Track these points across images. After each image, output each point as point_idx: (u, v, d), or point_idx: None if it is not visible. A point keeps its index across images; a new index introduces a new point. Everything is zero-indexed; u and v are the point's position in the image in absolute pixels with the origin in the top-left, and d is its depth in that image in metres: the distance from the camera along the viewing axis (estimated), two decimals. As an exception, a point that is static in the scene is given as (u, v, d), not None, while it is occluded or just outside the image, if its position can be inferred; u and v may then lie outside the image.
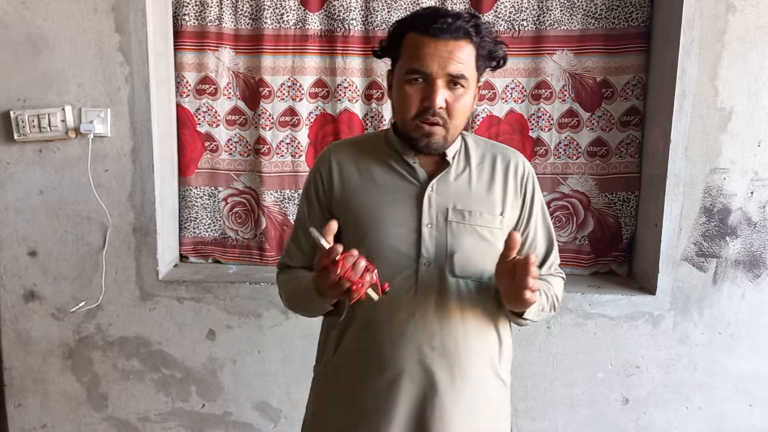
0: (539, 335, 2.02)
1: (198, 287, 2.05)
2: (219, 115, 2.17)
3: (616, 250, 2.18)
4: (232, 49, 2.13)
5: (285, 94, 2.15)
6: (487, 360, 1.21)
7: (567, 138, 2.14)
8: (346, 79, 2.13)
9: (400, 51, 1.14)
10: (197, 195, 2.22)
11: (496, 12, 2.07)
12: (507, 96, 2.12)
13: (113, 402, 2.13)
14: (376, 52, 1.23)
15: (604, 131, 2.13)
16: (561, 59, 2.09)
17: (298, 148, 2.18)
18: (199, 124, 2.18)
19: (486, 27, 1.13)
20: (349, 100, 2.15)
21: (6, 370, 2.10)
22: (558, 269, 1.33)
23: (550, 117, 2.13)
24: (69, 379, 2.11)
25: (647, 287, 2.05)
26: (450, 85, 1.11)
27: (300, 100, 2.15)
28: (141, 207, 1.99)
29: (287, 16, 2.10)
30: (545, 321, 1.99)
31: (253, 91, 2.16)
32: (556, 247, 1.31)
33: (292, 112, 2.16)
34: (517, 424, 2.08)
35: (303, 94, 2.15)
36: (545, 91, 2.12)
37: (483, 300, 1.19)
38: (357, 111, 2.16)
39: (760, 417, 2.07)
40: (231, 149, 2.20)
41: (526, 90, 2.13)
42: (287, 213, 2.22)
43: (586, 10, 2.06)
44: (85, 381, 2.11)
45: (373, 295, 1.02)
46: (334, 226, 1.05)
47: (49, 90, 1.94)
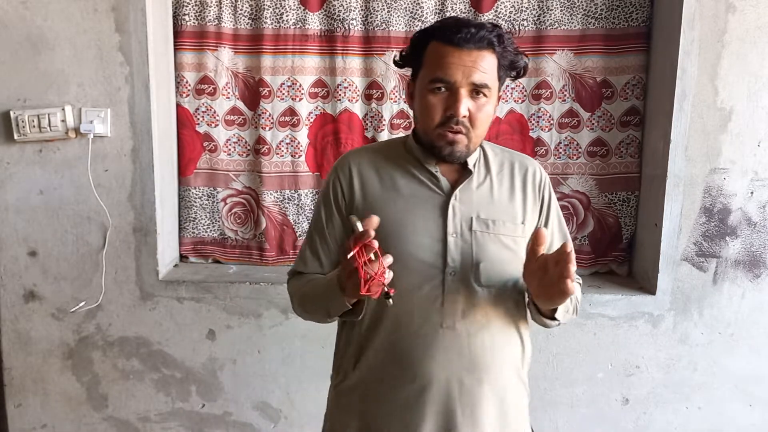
0: (539, 335, 2.02)
1: (198, 287, 2.05)
2: (218, 115, 2.17)
3: (616, 250, 2.18)
4: (231, 49, 2.13)
5: (285, 94, 2.15)
6: (513, 365, 1.21)
7: (567, 138, 2.14)
8: (346, 79, 2.13)
9: (422, 60, 1.14)
10: (196, 195, 2.22)
11: (496, 12, 2.07)
12: (507, 96, 2.12)
13: (113, 402, 2.13)
14: (396, 61, 1.23)
15: (604, 131, 2.13)
16: (561, 59, 2.09)
17: (297, 148, 2.18)
18: (198, 124, 2.18)
19: (508, 37, 1.13)
20: (349, 100, 2.15)
21: (6, 370, 2.10)
22: (576, 276, 1.32)
23: (550, 117, 2.13)
24: (69, 379, 2.11)
25: (647, 287, 2.05)
26: (473, 95, 1.11)
27: (300, 100, 2.15)
28: (141, 207, 1.99)
29: (287, 15, 2.09)
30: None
31: (253, 91, 2.16)
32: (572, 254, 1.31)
33: (291, 112, 2.16)
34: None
35: (303, 94, 2.15)
36: (545, 91, 2.12)
37: (507, 307, 1.19)
38: (357, 111, 2.16)
39: (760, 417, 2.07)
40: (229, 149, 2.20)
41: (526, 90, 2.13)
42: (287, 213, 2.22)
43: (586, 10, 2.06)
44: (85, 381, 2.11)
45: (382, 296, 1.00)
46: (376, 220, 1.02)
47: (49, 90, 1.94)
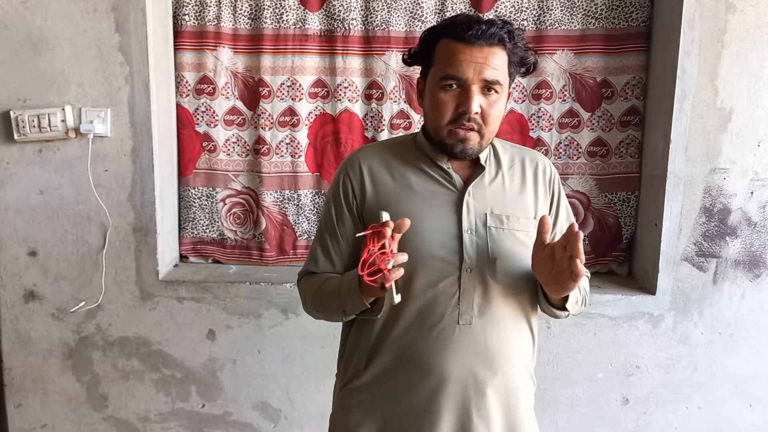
0: (539, 335, 2.00)
1: (198, 287, 2.05)
2: (217, 115, 2.17)
3: (616, 250, 2.18)
4: (230, 49, 2.13)
5: (284, 94, 2.15)
6: (523, 361, 1.22)
7: (567, 138, 2.14)
8: (346, 79, 2.13)
9: (432, 58, 1.14)
10: (195, 195, 2.22)
11: (496, 12, 2.07)
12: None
13: (113, 402, 2.13)
14: (405, 60, 1.22)
15: (604, 131, 2.13)
16: (561, 59, 2.09)
17: (297, 148, 2.18)
18: (198, 124, 2.18)
19: (519, 34, 1.13)
20: (349, 100, 2.15)
21: (6, 370, 2.10)
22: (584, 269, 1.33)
23: (550, 117, 2.13)
24: (69, 379, 2.11)
25: (647, 287, 2.05)
26: (484, 91, 1.11)
27: (299, 100, 2.15)
28: (141, 207, 1.99)
29: (287, 15, 2.09)
30: (545, 320, 1.99)
31: (253, 91, 2.16)
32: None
33: (291, 112, 2.16)
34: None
35: (302, 94, 2.15)
36: (545, 91, 2.12)
37: (521, 302, 1.19)
38: (357, 111, 2.16)
39: (760, 417, 2.07)
40: (229, 149, 2.20)
41: (526, 90, 2.13)
42: (287, 213, 2.22)
43: (586, 10, 2.06)
44: (85, 381, 2.11)
45: (394, 294, 0.99)
46: (407, 222, 1.01)
47: (49, 90, 1.94)
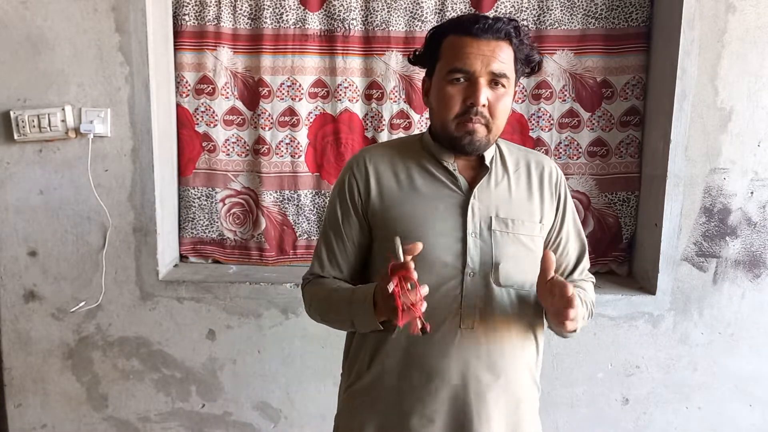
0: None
1: (198, 287, 2.05)
2: (217, 115, 2.17)
3: (616, 250, 2.18)
4: (230, 49, 2.13)
5: (284, 93, 2.15)
6: (527, 367, 1.21)
7: (567, 138, 2.14)
8: (346, 79, 2.13)
9: (438, 55, 1.14)
10: (195, 195, 2.22)
11: (496, 12, 2.07)
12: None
13: (113, 402, 2.13)
14: (410, 59, 1.22)
15: (604, 131, 2.13)
16: (561, 59, 2.09)
17: (297, 148, 2.18)
18: (198, 124, 2.18)
19: (524, 31, 1.13)
20: (350, 100, 2.15)
21: (6, 370, 2.10)
22: (588, 273, 1.32)
23: (550, 117, 2.13)
24: (69, 379, 2.11)
25: (647, 287, 2.05)
26: (492, 85, 1.10)
27: (299, 100, 2.15)
28: (141, 207, 1.99)
29: (287, 15, 2.09)
30: (545, 320, 1.99)
31: (252, 91, 2.16)
32: (587, 252, 1.30)
33: (291, 112, 2.16)
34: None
35: (302, 94, 2.15)
36: (545, 91, 2.12)
37: (525, 308, 1.18)
38: (357, 111, 2.16)
39: (760, 417, 2.07)
40: (228, 149, 2.20)
41: (526, 90, 2.13)
42: (287, 213, 2.21)
43: (586, 10, 2.06)
44: (85, 381, 2.11)
45: (418, 329, 0.97)
46: (419, 247, 1.00)
47: (49, 90, 1.94)
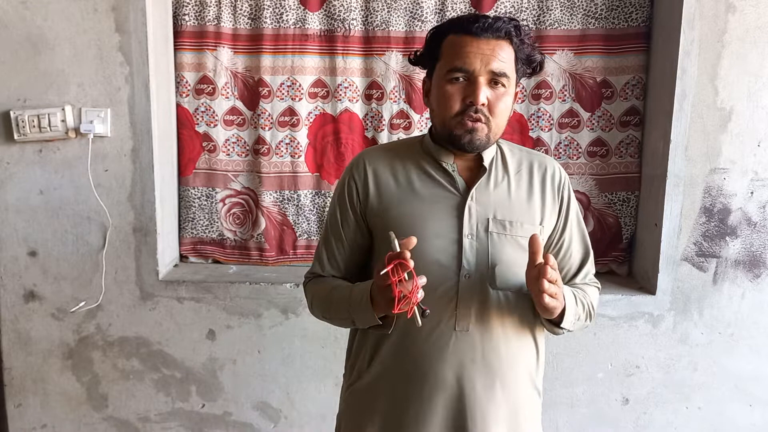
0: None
1: (198, 287, 2.05)
2: (217, 115, 2.17)
3: (616, 250, 2.18)
4: (230, 49, 2.13)
5: (284, 93, 2.15)
6: (526, 372, 1.20)
7: (567, 138, 2.14)
8: (346, 79, 2.13)
9: (438, 54, 1.14)
10: (195, 195, 2.22)
11: (496, 12, 2.07)
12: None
13: (113, 402, 2.13)
14: (411, 59, 1.22)
15: (604, 131, 2.13)
16: (561, 59, 2.09)
17: (297, 148, 2.18)
18: (198, 124, 2.18)
19: (525, 31, 1.13)
20: (350, 100, 2.15)
21: (6, 370, 2.10)
22: (594, 279, 1.30)
23: (550, 117, 2.13)
24: (69, 379, 2.11)
25: (647, 287, 2.05)
26: (492, 84, 1.10)
27: (299, 100, 2.15)
28: (141, 207, 1.99)
29: (287, 15, 2.09)
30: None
31: (252, 91, 2.16)
32: (592, 256, 1.28)
33: (291, 112, 2.16)
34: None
35: (302, 94, 2.15)
36: (545, 91, 2.12)
37: (522, 311, 1.17)
38: (357, 111, 2.16)
39: (760, 417, 2.07)
40: (228, 149, 2.20)
41: (526, 90, 2.12)
42: (286, 213, 2.22)
43: (586, 10, 2.06)
44: (85, 381, 2.11)
45: (418, 318, 0.99)
46: (414, 240, 1.01)
47: (49, 90, 1.94)
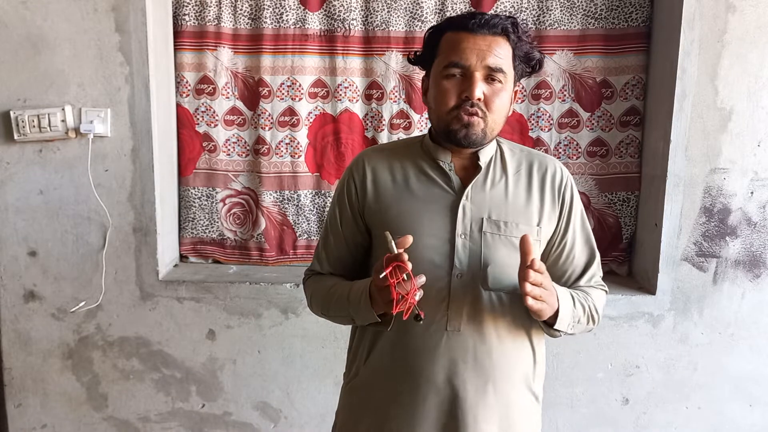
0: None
1: (198, 287, 2.05)
2: (217, 115, 2.17)
3: (616, 250, 2.18)
4: (230, 49, 2.13)
5: (284, 93, 2.15)
6: (521, 375, 1.18)
7: (567, 138, 2.14)
8: (346, 79, 2.13)
9: (436, 52, 1.14)
10: (195, 195, 2.22)
11: (496, 12, 2.07)
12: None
13: (113, 402, 2.13)
14: (410, 59, 1.22)
15: (604, 131, 2.13)
16: (561, 59, 2.09)
17: (297, 148, 2.18)
18: (198, 124, 2.18)
19: (523, 28, 1.13)
20: (350, 100, 2.15)
21: (6, 370, 2.10)
22: (600, 282, 1.27)
23: (549, 117, 2.13)
24: (69, 379, 2.11)
25: (647, 287, 2.05)
26: (488, 80, 1.10)
27: (299, 100, 2.15)
28: (141, 207, 1.99)
29: (287, 15, 2.09)
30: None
31: (252, 91, 2.16)
32: (597, 258, 1.25)
33: (291, 112, 2.16)
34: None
35: (302, 94, 2.15)
36: (545, 91, 2.12)
37: (517, 313, 1.14)
38: (357, 111, 2.16)
39: (760, 417, 2.07)
40: (229, 149, 2.20)
41: (525, 90, 2.12)
42: (286, 213, 2.22)
43: (586, 10, 2.06)
44: (85, 381, 2.11)
45: (413, 317, 0.99)
46: (410, 239, 1.01)
47: (49, 90, 1.94)
